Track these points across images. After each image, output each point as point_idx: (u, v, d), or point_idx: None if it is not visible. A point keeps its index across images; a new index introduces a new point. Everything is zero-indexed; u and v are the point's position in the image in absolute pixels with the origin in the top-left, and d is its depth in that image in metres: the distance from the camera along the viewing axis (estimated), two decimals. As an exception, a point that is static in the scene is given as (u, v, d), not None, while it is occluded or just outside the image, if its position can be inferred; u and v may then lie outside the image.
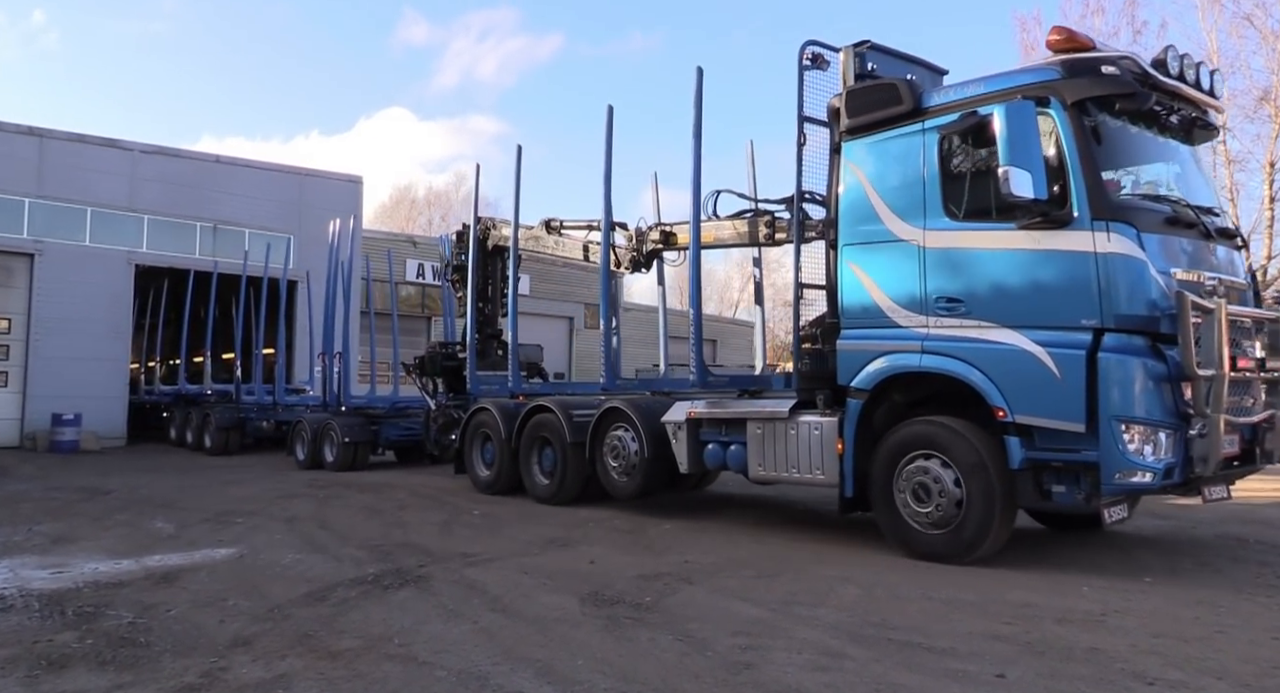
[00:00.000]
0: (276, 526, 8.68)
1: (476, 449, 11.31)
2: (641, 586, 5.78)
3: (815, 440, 7.30)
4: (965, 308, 6.44)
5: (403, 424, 15.63)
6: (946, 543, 6.37)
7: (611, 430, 9.31)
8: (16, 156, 21.26)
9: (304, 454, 15.72)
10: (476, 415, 11.34)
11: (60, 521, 9.14)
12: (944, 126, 6.62)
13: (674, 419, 8.64)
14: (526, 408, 10.41)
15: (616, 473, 9.25)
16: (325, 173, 27.51)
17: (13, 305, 21.43)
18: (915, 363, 6.69)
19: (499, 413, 10.77)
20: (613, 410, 9.31)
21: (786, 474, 7.61)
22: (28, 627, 4.90)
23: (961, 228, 6.52)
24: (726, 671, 4.04)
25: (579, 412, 9.76)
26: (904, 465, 6.62)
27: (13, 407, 21.19)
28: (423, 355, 13.83)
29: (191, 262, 23.77)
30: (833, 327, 7.41)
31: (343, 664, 4.16)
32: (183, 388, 23.09)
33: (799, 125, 7.54)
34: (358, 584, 5.90)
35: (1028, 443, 6.04)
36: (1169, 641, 4.42)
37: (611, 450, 9.29)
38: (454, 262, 14.06)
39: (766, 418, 7.76)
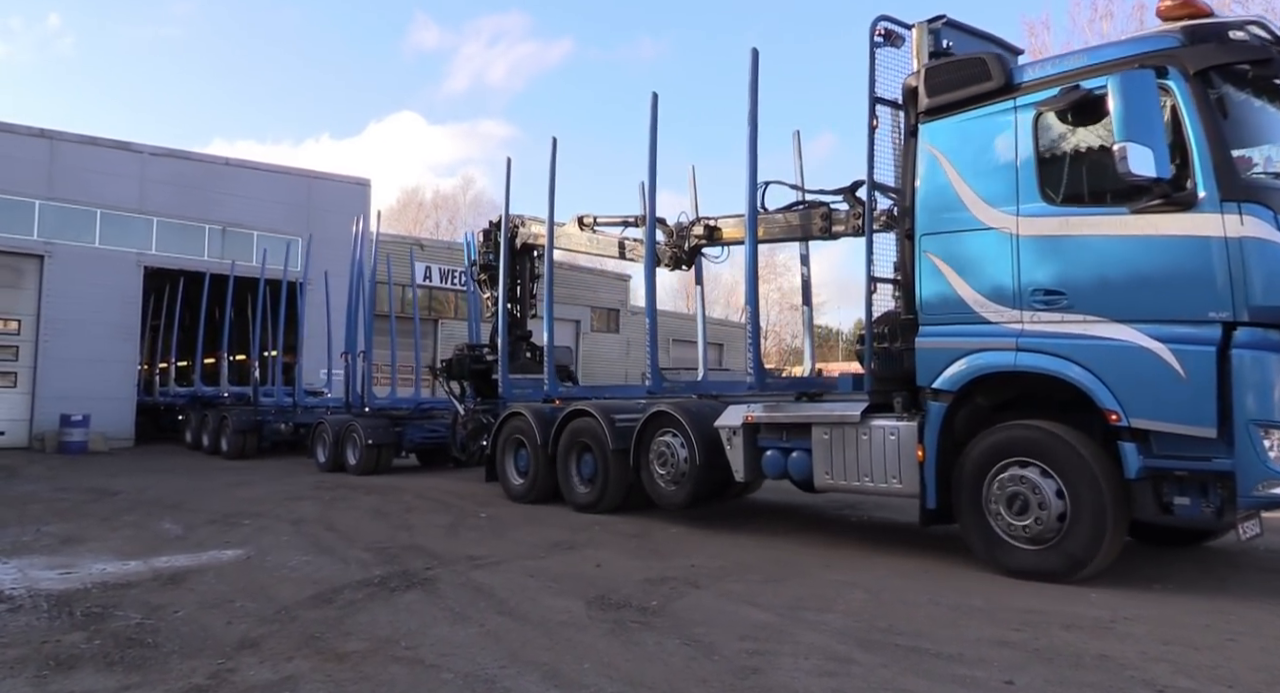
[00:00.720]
0: (283, 527, 8.70)
1: (509, 456, 10.87)
2: (648, 589, 5.77)
3: (891, 447, 6.78)
4: (1067, 301, 5.89)
5: (427, 427, 15.30)
6: (1048, 560, 5.84)
7: (658, 436, 8.80)
8: (27, 159, 21.42)
9: (325, 457, 15.35)
10: (509, 421, 10.90)
11: (69, 521, 9.17)
12: (1041, 103, 6.07)
13: (728, 424, 8.10)
14: (564, 413, 9.98)
15: (664, 481, 8.70)
16: (333, 176, 27.64)
17: (22, 306, 21.57)
18: (1009, 362, 6.15)
19: (534, 418, 10.34)
20: (660, 415, 8.79)
21: (858, 483, 7.05)
22: (36, 627, 4.92)
23: (1062, 213, 5.99)
24: (733, 675, 4.02)
25: (621, 416, 9.35)
26: (996, 474, 6.09)
27: (22, 408, 21.31)
28: (450, 358, 13.40)
29: (201, 264, 23.89)
30: (908, 324, 6.87)
31: (349, 666, 4.17)
32: (198, 390, 22.92)
33: (870, 107, 6.99)
34: (364, 586, 5.91)
35: (1145, 450, 5.52)
36: (1179, 648, 4.40)
37: (658, 457, 8.76)
38: (481, 261, 13.67)
39: (835, 422, 7.24)
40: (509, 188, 12.18)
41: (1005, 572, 6.00)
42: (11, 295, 21.46)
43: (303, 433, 17.92)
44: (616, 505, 9.35)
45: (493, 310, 13.16)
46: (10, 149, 21.20)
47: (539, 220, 12.18)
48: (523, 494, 10.49)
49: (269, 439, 18.74)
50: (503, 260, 12.31)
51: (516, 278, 13.06)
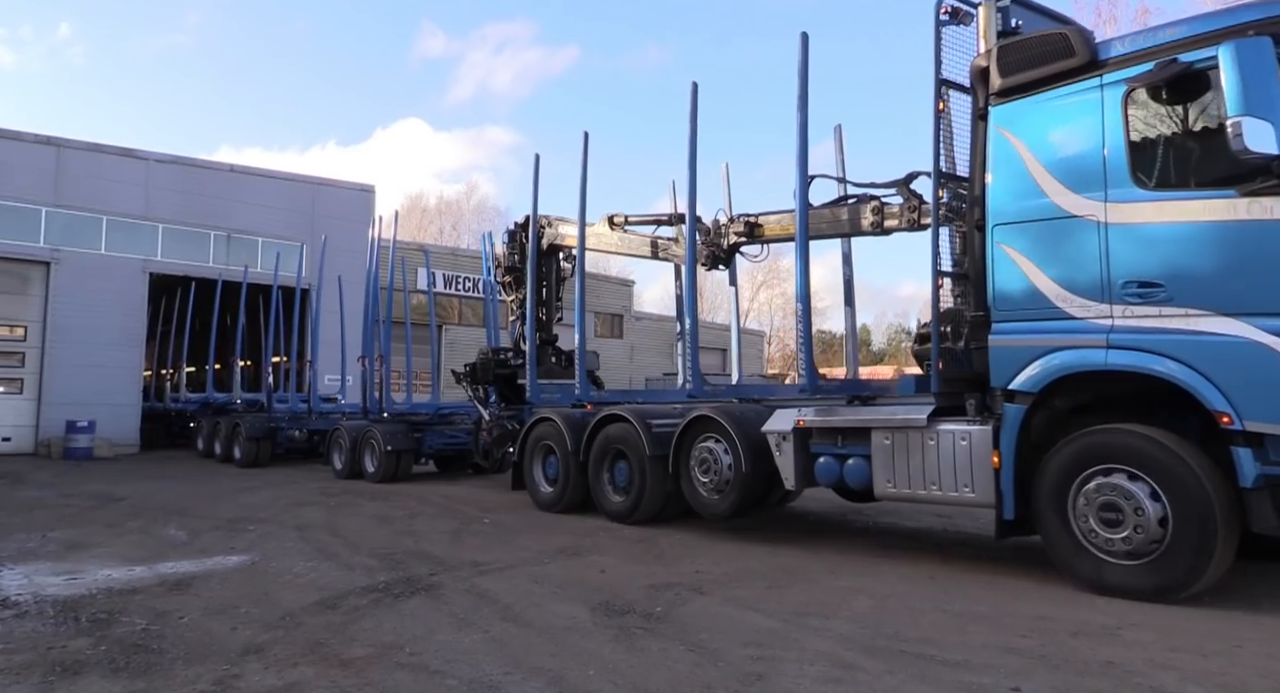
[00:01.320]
0: (288, 533, 8.70)
1: (537, 463, 10.44)
2: (653, 595, 5.76)
3: (963, 453, 6.32)
4: (1166, 294, 5.44)
5: (447, 432, 14.88)
6: (1148, 575, 5.41)
7: (700, 442, 8.37)
8: (34, 166, 21.55)
9: (342, 463, 15.00)
10: (537, 427, 10.46)
11: (74, 527, 9.19)
12: (1133, 80, 5.63)
13: (777, 429, 7.68)
14: (596, 418, 9.54)
15: (706, 490, 8.28)
16: (338, 182, 27.75)
17: (29, 313, 21.67)
18: (1099, 361, 5.69)
19: (564, 424, 9.89)
20: (702, 420, 8.35)
21: (924, 492, 6.61)
22: (42, 633, 4.93)
23: (1157, 198, 5.54)
24: (738, 682, 4.02)
25: (659, 422, 8.96)
26: (1083, 483, 5.67)
27: (28, 414, 21.39)
28: (473, 362, 12.89)
29: (206, 270, 23.97)
30: (978, 321, 6.43)
31: (354, 673, 4.16)
32: (210, 396, 22.67)
33: (937, 90, 6.61)
34: (369, 592, 5.91)
35: (1261, 456, 5.07)
36: (1186, 655, 4.37)
37: (700, 465, 8.32)
38: (505, 262, 13.22)
39: (898, 427, 6.79)
40: (537, 187, 11.81)
41: (1097, 589, 5.60)
42: (18, 302, 21.55)
43: (317, 440, 17.68)
44: (653, 515, 8.94)
45: (517, 313, 12.87)
46: (16, 157, 21.33)
47: (566, 221, 11.88)
48: (552, 503, 10.11)
49: (282, 446, 18.36)
50: (530, 262, 11.83)
51: (542, 280, 12.65)
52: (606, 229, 11.37)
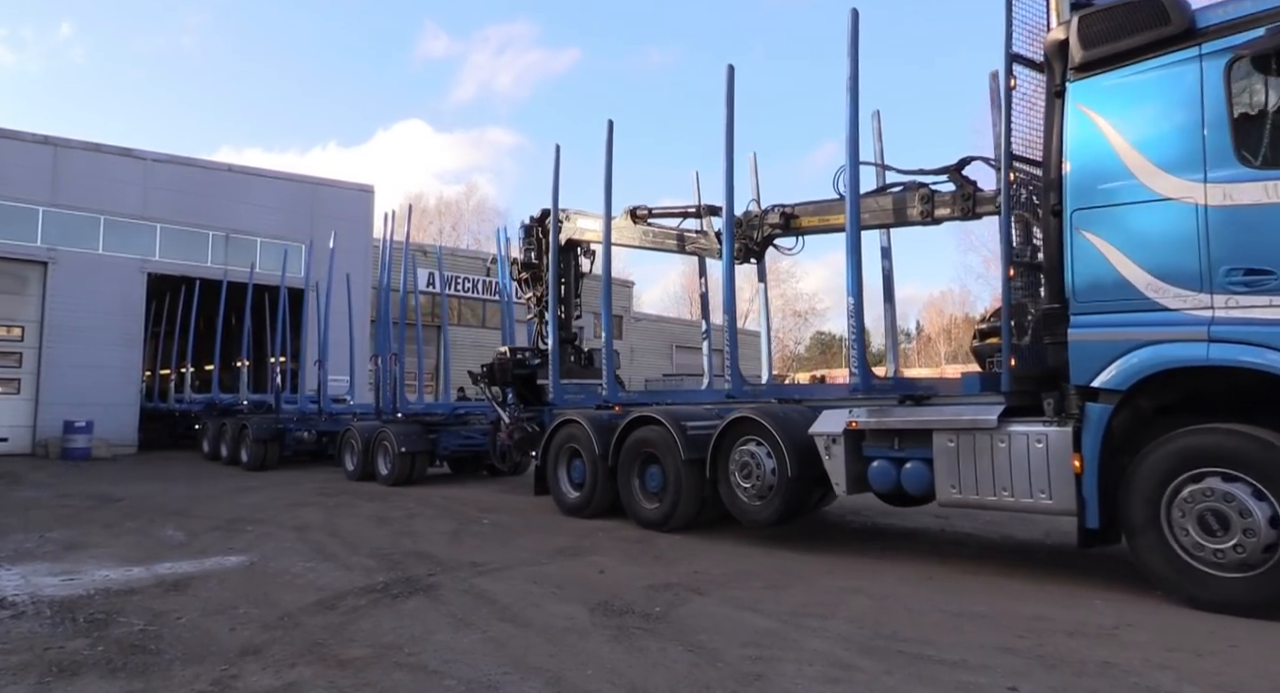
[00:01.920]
0: (286, 534, 8.70)
1: (562, 467, 10.02)
2: (651, 596, 5.76)
3: (1039, 456, 5.92)
4: (1277, 282, 5.05)
5: (462, 433, 14.43)
6: (1259, 589, 5.02)
7: (740, 445, 7.94)
8: (31, 165, 21.53)
9: (355, 465, 14.62)
10: (562, 429, 10.05)
11: (72, 528, 9.18)
12: (1240, 47, 5.20)
13: (827, 431, 7.28)
14: (626, 420, 9.11)
15: (748, 496, 7.83)
16: (337, 182, 27.74)
17: (26, 313, 21.64)
18: (1199, 355, 5.28)
19: (591, 426, 9.49)
20: (743, 422, 7.91)
21: (994, 498, 6.17)
22: (39, 634, 4.92)
23: (1266, 178, 5.11)
24: (736, 682, 4.02)
25: (694, 424, 8.57)
26: (1179, 488, 5.29)
27: (25, 414, 21.36)
28: (491, 363, 12.36)
29: (204, 270, 23.95)
30: (1053, 314, 6.03)
31: (352, 673, 4.16)
32: (216, 397, 22.25)
33: (1007, 65, 6.22)
34: (367, 593, 5.91)
35: None
36: (1183, 655, 4.38)
37: (741, 469, 7.87)
38: (522, 259, 12.73)
39: (964, 428, 6.37)
40: (557, 179, 11.08)
41: (1198, 604, 5.24)
42: (15, 302, 21.53)
43: (325, 441, 17.40)
44: (688, 522, 8.55)
45: (535, 311, 12.57)
46: (14, 156, 21.31)
47: (585, 214, 11.54)
48: (578, 508, 9.71)
49: (290, 448, 17.88)
50: (551, 257, 11.43)
51: (560, 277, 12.20)
52: (629, 222, 10.97)
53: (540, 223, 12.34)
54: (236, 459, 17.93)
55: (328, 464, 16.82)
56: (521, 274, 12.77)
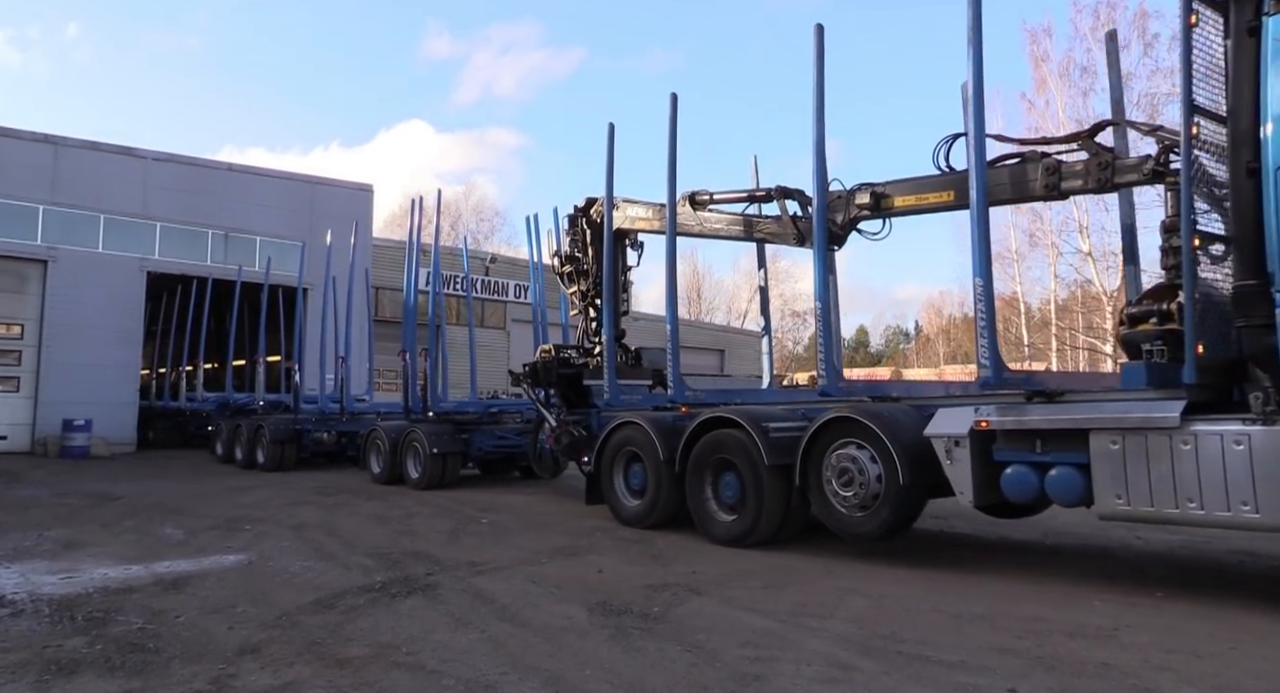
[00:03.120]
0: (285, 533, 8.69)
1: (618, 473, 9.21)
2: (649, 596, 5.76)
3: (1238, 461, 5.04)
4: None
5: (496, 433, 13.59)
6: None
7: (836, 449, 7.08)
8: (31, 164, 21.52)
9: (381, 468, 13.82)
10: (619, 432, 9.21)
11: (70, 526, 9.18)
12: None
13: (948, 432, 6.44)
14: (696, 422, 8.23)
15: (847, 506, 6.96)
16: (336, 181, 27.76)
17: (25, 311, 21.63)
18: None
19: (655, 429, 8.67)
20: (841, 423, 7.06)
21: (1176, 511, 5.31)
22: (38, 632, 4.92)
23: None
24: (735, 682, 4.02)
25: (777, 425, 7.69)
26: None
27: (24, 412, 21.35)
28: (533, 362, 11.53)
29: (204, 269, 23.93)
30: (1249, 292, 5.29)
31: (350, 672, 4.16)
32: (229, 396, 21.62)
33: (1186, 3, 5.47)
34: (366, 592, 5.91)
35: None
36: (1182, 656, 4.38)
37: (840, 475, 6.99)
38: (567, 251, 11.82)
39: (1134, 428, 5.50)
40: (612, 160, 10.12)
41: None
42: (15, 300, 21.52)
43: (345, 442, 16.83)
44: (771, 535, 7.67)
45: (580, 307, 11.79)
46: (14, 154, 21.30)
47: (636, 202, 10.79)
48: (638, 518, 8.90)
49: (308, 450, 17.13)
50: (607, 245, 10.52)
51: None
52: (687, 209, 10.17)
53: (585, 212, 11.61)
54: (253, 462, 17.15)
55: (346, 466, 16.49)
56: (564, 268, 11.88)
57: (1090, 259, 25.40)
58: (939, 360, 58.18)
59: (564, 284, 12.09)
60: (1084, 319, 29.30)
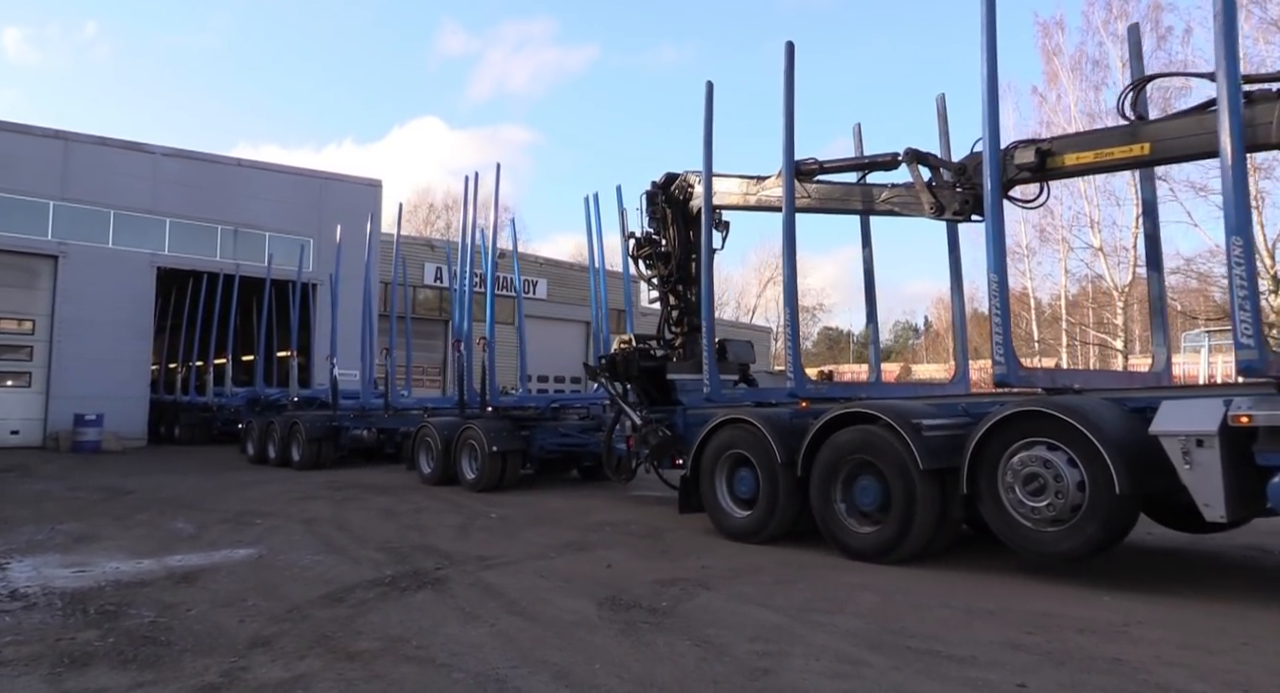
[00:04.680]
0: (295, 527, 8.73)
1: (721, 479, 8.17)
2: (659, 591, 5.77)
3: None
4: None
5: (559, 430, 12.49)
6: None
7: (1019, 450, 5.97)
8: (41, 159, 21.63)
9: (431, 467, 12.89)
10: (722, 432, 8.18)
11: (82, 520, 9.24)
12: None
13: (1186, 429, 5.32)
14: (825, 419, 7.21)
15: (1036, 519, 5.83)
16: (345, 177, 27.81)
17: (36, 307, 21.77)
18: None
19: (769, 428, 7.64)
20: (1025, 418, 5.96)
21: None
22: (50, 625, 4.95)
23: None
24: (744, 677, 4.02)
25: (932, 423, 6.64)
26: None
27: (36, 407, 21.50)
28: (611, 354, 10.52)
29: (213, 264, 24.00)
30: None
31: (361, 665, 4.18)
32: (260, 391, 20.67)
33: None
34: (375, 586, 5.93)
35: None
36: (1193, 652, 4.36)
37: (1026, 482, 5.88)
38: (643, 233, 10.78)
39: None
40: (710, 120, 9.02)
41: None
42: (26, 296, 21.65)
43: (383, 439, 16.24)
44: (921, 548, 6.62)
45: (659, 294, 10.77)
46: (24, 150, 21.41)
47: (725, 176, 9.67)
48: (749, 530, 7.79)
49: (345, 448, 16.47)
50: (705, 224, 9.34)
51: (690, 253, 10.41)
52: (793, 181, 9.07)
53: (665, 189, 10.55)
54: (287, 460, 16.30)
55: (383, 463, 16.08)
56: (642, 250, 10.76)
57: (1101, 254, 25.24)
58: (948, 356, 57.97)
59: (640, 269, 10.93)
60: (1094, 315, 29.16)
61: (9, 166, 20.99)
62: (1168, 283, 9.98)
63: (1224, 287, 20.11)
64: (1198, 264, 22.68)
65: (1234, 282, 5.55)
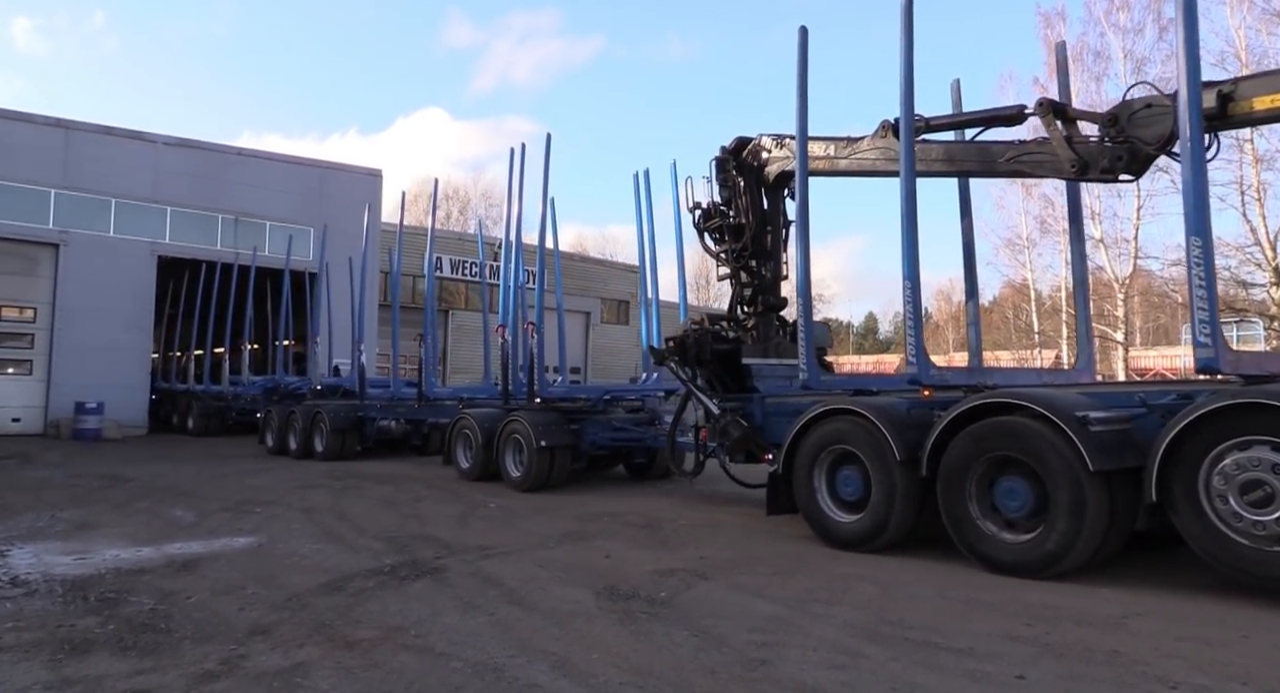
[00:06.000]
0: (294, 516, 8.75)
1: (819, 478, 7.26)
2: (657, 581, 5.77)
3: None
4: None
5: (612, 423, 11.46)
6: None
7: (1229, 452, 5.11)
8: (42, 148, 21.60)
9: (470, 462, 11.99)
10: (821, 424, 7.25)
11: (83, 507, 9.25)
12: None
13: None
14: (959, 410, 6.29)
15: (1258, 536, 4.99)
16: (345, 166, 27.75)
17: (38, 295, 21.77)
18: None
19: (884, 421, 6.69)
20: (1240, 411, 5.07)
21: None
22: (51, 612, 4.97)
23: None
24: (742, 667, 4.02)
25: (1100, 416, 5.70)
26: None
27: (37, 395, 21.53)
28: (679, 336, 9.32)
29: (214, 253, 23.97)
30: None
31: (360, 654, 4.19)
32: (280, 379, 19.78)
33: None
34: (375, 575, 5.94)
35: None
36: (1192, 644, 4.36)
37: (1243, 491, 5.02)
38: (710, 203, 9.81)
39: None
40: (805, 71, 7.93)
41: None
42: (27, 283, 21.65)
43: (409, 430, 15.88)
44: (1085, 560, 5.72)
45: (732, 269, 9.70)
46: (25, 138, 21.37)
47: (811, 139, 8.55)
48: (861, 537, 6.87)
49: (370, 439, 15.99)
50: (800, 187, 8.13)
51: (765, 224, 9.50)
52: (888, 141, 8.25)
53: (736, 155, 9.66)
54: (309, 451, 15.77)
55: (409, 455, 15.82)
56: (710, 222, 9.81)
57: (1101, 246, 25.17)
58: (949, 348, 57.94)
59: (707, 244, 10.02)
60: (1095, 307, 29.11)
61: (10, 155, 20.97)
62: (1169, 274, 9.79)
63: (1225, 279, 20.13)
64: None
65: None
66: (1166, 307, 35.75)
